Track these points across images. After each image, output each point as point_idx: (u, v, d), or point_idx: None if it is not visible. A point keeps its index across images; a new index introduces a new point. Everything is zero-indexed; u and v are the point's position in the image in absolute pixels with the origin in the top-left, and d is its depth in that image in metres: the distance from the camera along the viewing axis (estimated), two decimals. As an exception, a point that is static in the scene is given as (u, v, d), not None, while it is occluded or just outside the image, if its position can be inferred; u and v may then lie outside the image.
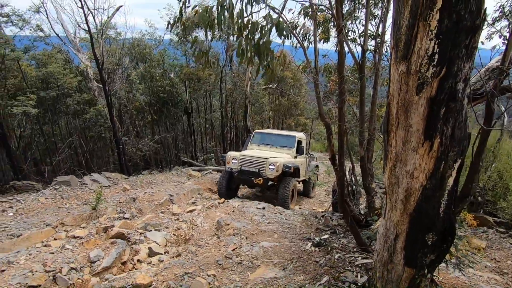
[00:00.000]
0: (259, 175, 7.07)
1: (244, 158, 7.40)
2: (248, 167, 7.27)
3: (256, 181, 7.06)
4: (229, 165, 7.56)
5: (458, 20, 1.25)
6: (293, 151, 8.03)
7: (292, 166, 7.15)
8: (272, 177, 7.05)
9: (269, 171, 7.02)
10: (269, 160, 7.06)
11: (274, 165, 6.96)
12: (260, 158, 7.22)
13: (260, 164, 7.15)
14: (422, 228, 2.05)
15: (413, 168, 1.78)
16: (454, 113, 1.55)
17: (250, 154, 7.48)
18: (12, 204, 5.62)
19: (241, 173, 7.32)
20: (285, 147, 8.18)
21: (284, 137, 8.56)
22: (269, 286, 2.99)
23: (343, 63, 2.82)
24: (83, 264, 3.42)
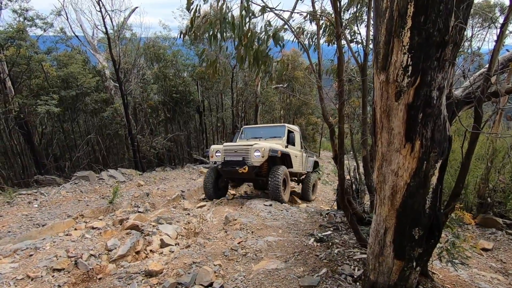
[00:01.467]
0: (243, 163, 6.53)
1: (227, 149, 6.92)
2: (232, 157, 6.78)
3: (241, 171, 6.47)
4: (213, 158, 7.04)
5: (428, 37, 1.41)
6: (283, 141, 7.55)
7: (279, 150, 6.67)
8: (258, 164, 6.48)
9: (254, 158, 6.48)
10: (254, 146, 6.56)
11: (259, 150, 6.45)
12: (244, 145, 6.77)
13: (244, 152, 6.65)
14: (409, 223, 2.21)
15: (397, 167, 1.94)
16: (432, 117, 1.71)
17: (233, 144, 7.11)
18: (37, 196, 6.06)
19: (224, 165, 6.81)
20: (274, 137, 7.72)
21: (273, 128, 8.19)
22: (270, 276, 3.21)
23: (342, 68, 2.98)
24: (101, 251, 3.74)
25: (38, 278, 3.04)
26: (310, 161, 9.33)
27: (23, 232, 4.42)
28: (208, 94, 15.44)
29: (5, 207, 5.32)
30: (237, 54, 2.26)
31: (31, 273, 3.08)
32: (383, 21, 1.48)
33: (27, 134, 9.14)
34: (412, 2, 1.35)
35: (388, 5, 1.44)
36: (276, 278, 3.15)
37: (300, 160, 8.34)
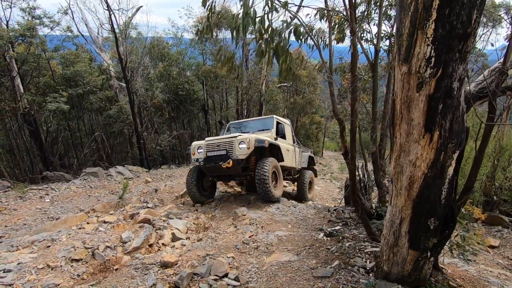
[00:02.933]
0: (227, 157, 5.87)
1: (209, 143, 6.23)
2: (215, 152, 6.12)
3: (225, 166, 5.83)
4: (195, 156, 6.34)
5: (451, 29, 1.47)
6: (272, 133, 6.88)
7: (266, 140, 6.00)
8: (244, 157, 5.81)
9: (239, 150, 5.84)
10: (238, 138, 5.92)
11: (244, 142, 5.82)
12: (228, 138, 6.10)
13: (228, 145, 6.00)
14: (425, 213, 2.27)
15: (415, 157, 2.00)
16: (451, 108, 1.77)
17: (216, 138, 6.39)
18: (48, 191, 6.16)
19: (207, 161, 6.12)
20: (262, 130, 7.07)
21: (260, 120, 7.61)
22: (284, 267, 3.27)
23: (355, 64, 3.04)
24: (116, 243, 3.81)
25: (58, 268, 3.12)
26: (305, 156, 8.68)
27: (38, 225, 4.51)
28: (212, 93, 15.51)
29: (18, 201, 5.41)
30: (257, 49, 2.32)
31: (50, 262, 3.16)
32: (408, 14, 1.54)
33: (36, 131, 9.25)
34: None
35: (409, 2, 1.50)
36: (289, 269, 3.22)
37: (292, 154, 7.75)
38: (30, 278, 2.87)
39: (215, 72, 14.30)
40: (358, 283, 2.78)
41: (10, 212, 4.90)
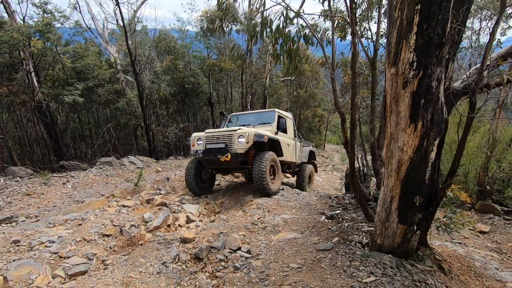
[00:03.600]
0: (226, 151, 5.89)
1: (209, 136, 6.25)
2: (214, 144, 6.14)
3: (223, 159, 5.83)
4: (194, 147, 6.41)
5: (429, 39, 1.83)
6: (273, 127, 6.85)
7: (265, 135, 5.98)
8: (242, 152, 5.83)
9: (238, 144, 5.86)
10: (238, 132, 5.92)
11: (243, 136, 5.83)
12: (227, 131, 6.10)
13: (227, 138, 6.01)
14: (411, 192, 2.67)
15: (402, 144, 2.40)
16: (432, 103, 2.16)
17: (216, 131, 6.39)
18: (68, 178, 6.62)
19: (206, 153, 6.16)
20: (263, 124, 7.04)
21: (262, 114, 7.51)
22: (290, 243, 3.71)
23: (355, 62, 3.41)
24: (139, 223, 4.27)
25: (93, 241, 3.57)
26: (305, 151, 8.66)
27: (66, 207, 4.97)
28: (217, 86, 15.85)
29: (43, 187, 5.87)
30: (273, 52, 2.69)
31: (86, 237, 3.61)
32: (395, 27, 1.91)
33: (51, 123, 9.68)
34: (417, 13, 1.78)
35: (399, 15, 1.86)
36: (294, 244, 3.65)
37: (293, 149, 7.75)
38: (71, 248, 3.32)
39: (220, 65, 14.62)
40: (355, 255, 3.20)
41: (39, 196, 5.36)
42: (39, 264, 2.92)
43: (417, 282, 2.77)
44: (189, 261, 3.33)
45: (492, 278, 3.64)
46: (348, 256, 3.18)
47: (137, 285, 2.76)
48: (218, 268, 3.26)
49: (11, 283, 2.64)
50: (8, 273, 2.70)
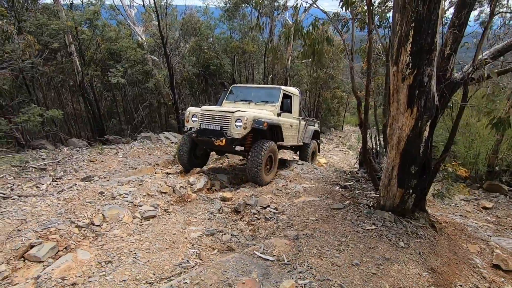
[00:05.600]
0: (221, 134, 5.41)
1: (205, 114, 5.72)
2: (209, 125, 5.62)
3: (218, 143, 5.41)
4: (188, 124, 5.90)
5: (421, 47, 2.48)
6: (276, 107, 6.27)
7: (265, 121, 5.38)
8: (238, 137, 5.35)
9: (235, 129, 5.34)
10: (236, 114, 5.37)
11: (241, 120, 5.29)
12: (224, 112, 5.53)
13: (223, 120, 5.48)
14: (408, 162, 3.40)
15: (402, 124, 3.12)
16: (424, 93, 2.84)
17: (212, 109, 5.80)
18: (118, 150, 7.74)
19: (200, 133, 5.69)
20: (266, 102, 6.47)
21: (266, 90, 6.81)
22: (309, 204, 4.57)
23: (370, 55, 4.05)
24: (185, 185, 5.26)
25: (154, 196, 4.59)
26: (309, 131, 8.09)
27: (124, 172, 6.06)
28: (240, 67, 16.47)
29: (99, 156, 7.00)
30: (302, 52, 3.39)
31: (148, 192, 4.63)
32: (396, 37, 2.57)
33: (95, 101, 10.85)
34: (412, 28, 2.43)
35: (399, 29, 2.52)
36: (313, 205, 4.51)
37: (295, 130, 7.21)
38: (141, 200, 4.35)
39: (243, 47, 15.16)
40: (362, 212, 4.02)
41: (100, 162, 6.49)
42: (122, 208, 3.95)
43: (409, 232, 3.56)
44: (230, 213, 4.29)
45: (478, 239, 4.34)
46: (356, 213, 4.00)
47: (195, 225, 3.74)
48: (252, 219, 4.20)
49: (107, 219, 3.69)
50: (105, 212, 3.74)
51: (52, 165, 5.73)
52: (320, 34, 3.27)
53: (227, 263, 2.69)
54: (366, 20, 3.83)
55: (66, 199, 4.01)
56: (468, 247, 3.96)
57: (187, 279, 2.43)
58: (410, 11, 2.41)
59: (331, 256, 2.87)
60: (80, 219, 3.49)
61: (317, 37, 3.25)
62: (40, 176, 5.05)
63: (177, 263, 2.85)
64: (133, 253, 2.92)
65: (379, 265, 2.75)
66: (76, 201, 3.96)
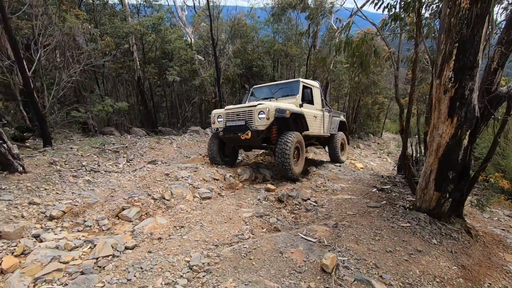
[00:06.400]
0: (246, 128, 5.63)
1: (229, 112, 6.03)
2: (234, 122, 5.90)
3: (244, 137, 5.61)
4: (215, 125, 6.24)
5: (464, 64, 2.78)
6: (297, 99, 6.41)
7: (288, 109, 5.61)
8: (263, 128, 5.54)
9: (258, 121, 5.54)
10: (258, 107, 5.59)
11: (263, 111, 5.48)
12: (247, 107, 5.80)
13: (247, 115, 5.73)
14: (446, 167, 3.66)
15: (441, 132, 3.42)
16: (465, 105, 3.13)
17: (236, 107, 6.11)
18: (172, 140, 8.68)
19: (226, 131, 5.97)
20: (287, 96, 6.63)
21: (285, 85, 6.99)
22: (346, 201, 4.96)
23: (416, 66, 4.34)
24: (234, 175, 5.91)
25: (209, 181, 5.29)
26: (335, 122, 8.09)
27: (180, 159, 6.90)
28: (282, 70, 16.99)
29: (157, 144, 7.96)
30: (351, 62, 3.81)
31: (204, 178, 5.34)
32: (440, 54, 2.90)
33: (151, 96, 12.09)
34: (455, 48, 2.75)
35: (444, 47, 2.85)
36: (350, 202, 4.89)
37: (320, 120, 7.26)
38: (198, 183, 5.07)
39: (286, 50, 15.64)
40: (397, 212, 4.32)
41: (159, 150, 7.43)
42: (185, 188, 4.69)
43: (443, 233, 3.81)
44: (274, 201, 4.84)
45: (516, 250, 4.41)
46: (392, 212, 4.32)
47: (245, 207, 4.34)
48: (294, 208, 4.71)
49: (175, 195, 4.43)
50: (172, 190, 4.50)
51: (122, 149, 6.73)
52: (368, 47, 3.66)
53: (277, 237, 3.24)
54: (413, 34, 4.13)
55: (140, 176, 4.85)
56: (505, 256, 4.09)
57: (246, 245, 3.02)
58: (454, 33, 2.74)
59: (367, 243, 3.28)
60: (154, 193, 4.27)
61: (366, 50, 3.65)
62: (116, 157, 6.03)
63: (234, 234, 3.45)
64: (199, 223, 3.59)
65: (411, 255, 3.11)
66: (148, 179, 4.78)
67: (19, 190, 3.68)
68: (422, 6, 3.81)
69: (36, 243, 2.79)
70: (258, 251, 2.90)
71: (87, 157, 5.64)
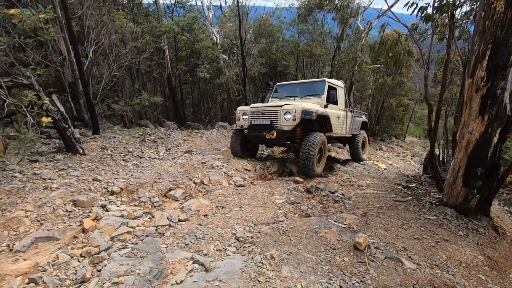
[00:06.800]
0: (272, 128, 5.71)
1: (254, 111, 6.12)
2: (259, 120, 6.00)
3: (269, 136, 5.69)
4: (239, 122, 6.42)
5: (496, 64, 2.95)
6: (322, 99, 6.42)
7: (314, 111, 5.65)
8: (288, 129, 5.65)
9: (284, 121, 5.64)
10: (284, 107, 5.68)
11: (290, 112, 5.57)
12: (273, 107, 5.87)
13: (273, 115, 5.81)
14: (475, 164, 3.81)
15: (472, 129, 3.59)
16: (496, 103, 3.29)
17: (261, 105, 6.18)
18: (201, 134, 9.16)
19: (251, 129, 6.09)
20: (312, 96, 6.62)
21: (310, 84, 6.99)
22: (373, 195, 5.16)
23: (447, 67, 4.49)
24: (263, 167, 6.25)
25: (241, 171, 5.66)
26: (357, 122, 8.13)
27: (212, 151, 7.34)
28: (305, 70, 17.16)
29: (189, 137, 8.45)
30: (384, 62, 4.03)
31: (236, 168, 5.72)
32: (474, 54, 3.08)
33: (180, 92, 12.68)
34: (489, 48, 2.93)
35: (477, 48, 3.03)
36: (376, 196, 5.09)
37: (343, 121, 7.31)
38: (232, 172, 5.45)
39: (311, 51, 15.81)
40: (424, 206, 4.49)
41: (191, 142, 7.91)
42: (220, 176, 5.08)
43: (469, 228, 3.96)
44: (303, 192, 5.13)
45: (545, 250, 4.45)
46: (418, 206, 4.49)
47: (277, 195, 4.67)
48: (322, 199, 4.98)
49: (212, 181, 4.83)
50: (210, 176, 4.90)
51: (159, 139, 7.26)
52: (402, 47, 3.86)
53: (310, 220, 3.54)
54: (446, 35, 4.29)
55: (180, 163, 5.29)
56: (532, 255, 4.16)
57: (283, 224, 3.35)
58: (488, 35, 2.93)
59: (395, 231, 3.51)
60: (195, 178, 4.69)
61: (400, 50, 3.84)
62: (155, 146, 6.55)
63: (270, 216, 3.79)
64: (238, 205, 3.96)
65: (438, 242, 3.31)
66: (188, 166, 5.21)
67: (82, 168, 4.21)
68: (456, 9, 3.97)
69: (104, 212, 3.26)
70: (294, 230, 3.22)
71: (131, 145, 6.18)
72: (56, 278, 2.07)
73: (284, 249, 2.80)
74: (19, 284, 2.02)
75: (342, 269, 2.59)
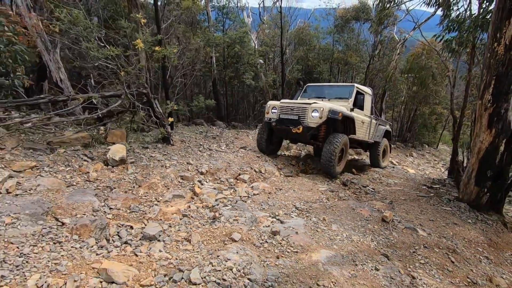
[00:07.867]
0: (298, 123, 6.09)
1: (284, 106, 6.54)
2: (288, 115, 6.36)
3: (295, 131, 6.08)
4: (268, 115, 6.75)
5: (500, 90, 3.91)
6: (349, 103, 6.77)
7: (340, 112, 6.03)
8: (314, 126, 6.01)
9: (311, 118, 6.00)
10: (312, 105, 6.04)
11: (317, 110, 5.94)
12: (302, 104, 6.27)
13: (301, 111, 6.19)
14: (485, 167, 4.74)
15: (483, 138, 4.56)
16: (501, 120, 4.26)
17: (291, 101, 6.62)
18: (247, 133, 10.54)
19: (279, 122, 6.48)
20: (340, 98, 6.94)
21: (339, 87, 7.37)
22: (399, 190, 6.17)
23: (469, 86, 5.43)
24: (305, 163, 7.45)
25: (288, 166, 6.91)
26: (381, 130, 8.33)
27: (259, 149, 8.69)
28: (341, 76, 18.04)
29: (238, 135, 9.85)
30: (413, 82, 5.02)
31: (283, 162, 6.98)
32: (483, 82, 4.07)
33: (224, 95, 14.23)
34: (493, 79, 3.91)
35: (485, 78, 4.02)
36: (402, 191, 6.10)
37: (367, 127, 7.60)
38: (281, 165, 6.72)
39: (346, 59, 16.68)
40: (443, 202, 5.44)
41: (241, 139, 9.30)
42: (272, 167, 6.36)
43: (479, 219, 4.88)
44: (340, 184, 6.28)
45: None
46: (438, 201, 5.46)
47: (319, 185, 5.86)
48: (356, 191, 6.09)
49: (267, 171, 6.12)
50: (265, 167, 6.20)
51: (217, 136, 8.72)
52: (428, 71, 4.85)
53: (348, 202, 4.71)
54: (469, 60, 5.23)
55: (241, 156, 6.66)
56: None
57: (328, 203, 4.56)
58: (493, 69, 3.92)
59: (414, 214, 4.58)
60: (254, 168, 6.02)
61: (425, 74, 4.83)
62: (217, 142, 8.01)
63: (316, 199, 5.00)
64: (291, 189, 5.22)
65: (448, 224, 4.34)
66: (247, 158, 6.57)
67: (176, 155, 5.69)
68: (475, 42, 4.93)
69: (201, 185, 4.67)
70: (337, 207, 4.42)
71: (198, 140, 7.67)
72: (198, 215, 3.47)
73: (330, 217, 4.01)
74: (177, 217, 3.43)
75: (372, 231, 3.76)
